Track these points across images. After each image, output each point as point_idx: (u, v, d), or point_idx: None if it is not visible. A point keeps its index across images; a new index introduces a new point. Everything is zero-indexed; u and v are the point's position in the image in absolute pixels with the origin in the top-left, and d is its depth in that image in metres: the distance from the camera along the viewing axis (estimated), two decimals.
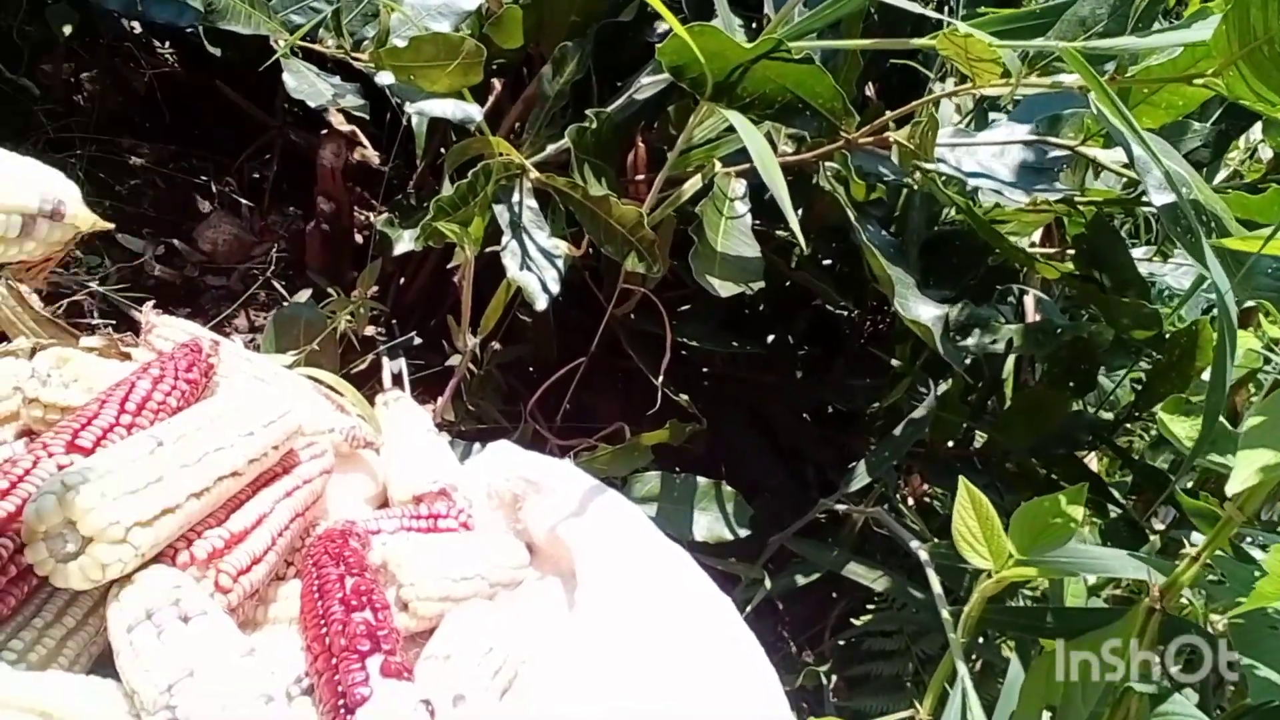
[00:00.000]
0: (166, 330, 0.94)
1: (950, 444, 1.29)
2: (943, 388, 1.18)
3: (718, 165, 1.02)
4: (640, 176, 1.12)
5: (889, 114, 0.91)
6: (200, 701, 0.57)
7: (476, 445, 1.13)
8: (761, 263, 0.92)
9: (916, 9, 0.82)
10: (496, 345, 1.31)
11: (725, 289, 0.88)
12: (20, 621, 0.64)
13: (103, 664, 0.64)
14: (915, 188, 1.11)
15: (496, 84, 1.26)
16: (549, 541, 0.86)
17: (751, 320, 1.30)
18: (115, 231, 1.22)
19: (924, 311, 0.88)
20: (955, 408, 1.19)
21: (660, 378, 1.09)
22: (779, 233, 1.20)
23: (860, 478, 1.12)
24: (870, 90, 1.28)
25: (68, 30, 1.15)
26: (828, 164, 0.96)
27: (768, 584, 1.16)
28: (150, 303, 0.97)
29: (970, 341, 1.19)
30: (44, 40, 1.18)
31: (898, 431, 1.14)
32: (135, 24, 1.35)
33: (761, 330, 1.32)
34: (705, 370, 1.32)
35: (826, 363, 1.37)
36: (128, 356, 0.94)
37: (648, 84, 1.01)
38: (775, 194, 0.74)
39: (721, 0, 0.88)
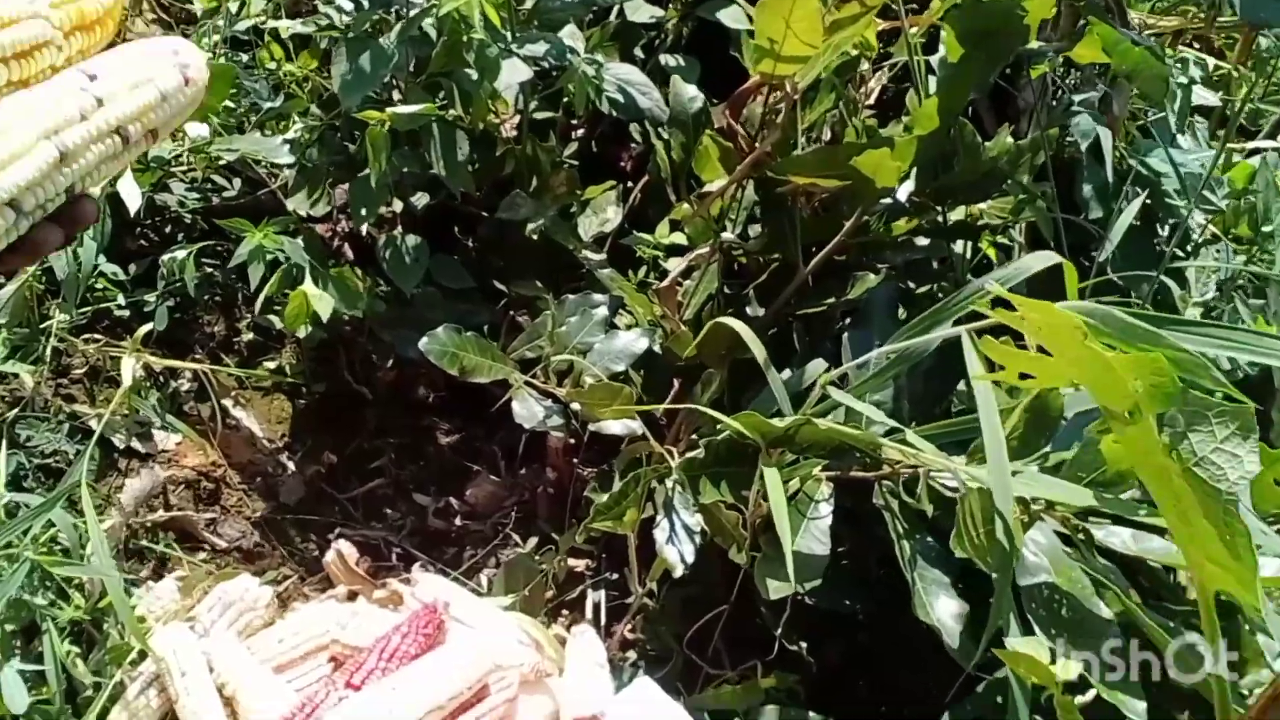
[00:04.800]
0: (424, 585, 1.40)
1: None
2: None
3: (815, 471, 1.33)
4: None
5: None
6: None
7: (642, 670, 1.48)
8: (825, 560, 1.21)
9: (881, 418, 1.11)
10: None
11: (777, 590, 1.18)
12: None
13: None
14: None
15: (677, 384, 1.66)
16: None
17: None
18: (412, 491, 1.75)
19: (943, 609, 1.13)
20: None
21: (779, 630, 1.38)
22: None
23: None
24: None
25: (389, 362, 1.73)
26: (885, 481, 1.24)
27: None
28: (418, 564, 1.45)
29: None
30: (372, 360, 1.77)
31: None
32: None
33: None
34: (840, 615, 1.57)
35: None
36: (400, 602, 1.41)
37: None
38: (782, 538, 1.06)
39: (776, 380, 1.22)
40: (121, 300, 1.60)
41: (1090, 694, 0.70)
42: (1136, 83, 1.48)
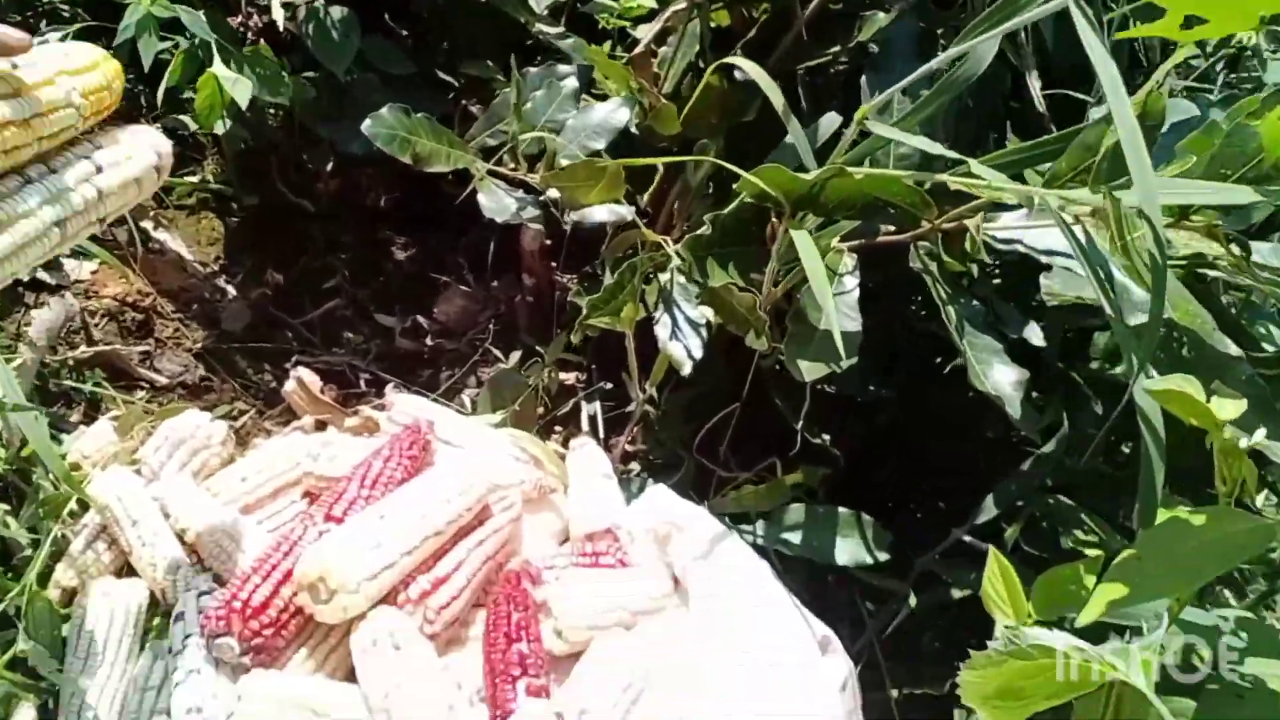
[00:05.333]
0: (402, 407, 1.24)
1: None
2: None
3: (834, 243, 1.17)
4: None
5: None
6: (405, 707, 0.84)
7: (650, 481, 1.36)
8: (859, 337, 1.06)
9: (939, 150, 0.94)
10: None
11: (811, 372, 1.03)
12: (300, 642, 0.94)
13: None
14: None
15: (661, 167, 1.45)
16: (683, 573, 1.07)
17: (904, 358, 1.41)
18: (373, 311, 1.56)
19: (1000, 377, 0.99)
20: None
21: (800, 423, 1.25)
22: None
23: (988, 510, 1.23)
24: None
25: (329, 166, 1.51)
26: (921, 243, 1.08)
27: (912, 601, 1.30)
28: (391, 384, 1.28)
29: None
30: (307, 166, 1.55)
31: (1026, 466, 1.23)
32: None
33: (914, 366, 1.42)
34: (859, 401, 1.45)
35: None
36: (377, 428, 1.25)
37: None
38: (824, 308, 0.90)
39: (797, 129, 1.03)
40: None
41: (1257, 436, 0.56)
42: None
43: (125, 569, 1.05)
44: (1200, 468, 0.64)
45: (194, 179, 1.51)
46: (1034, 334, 1.15)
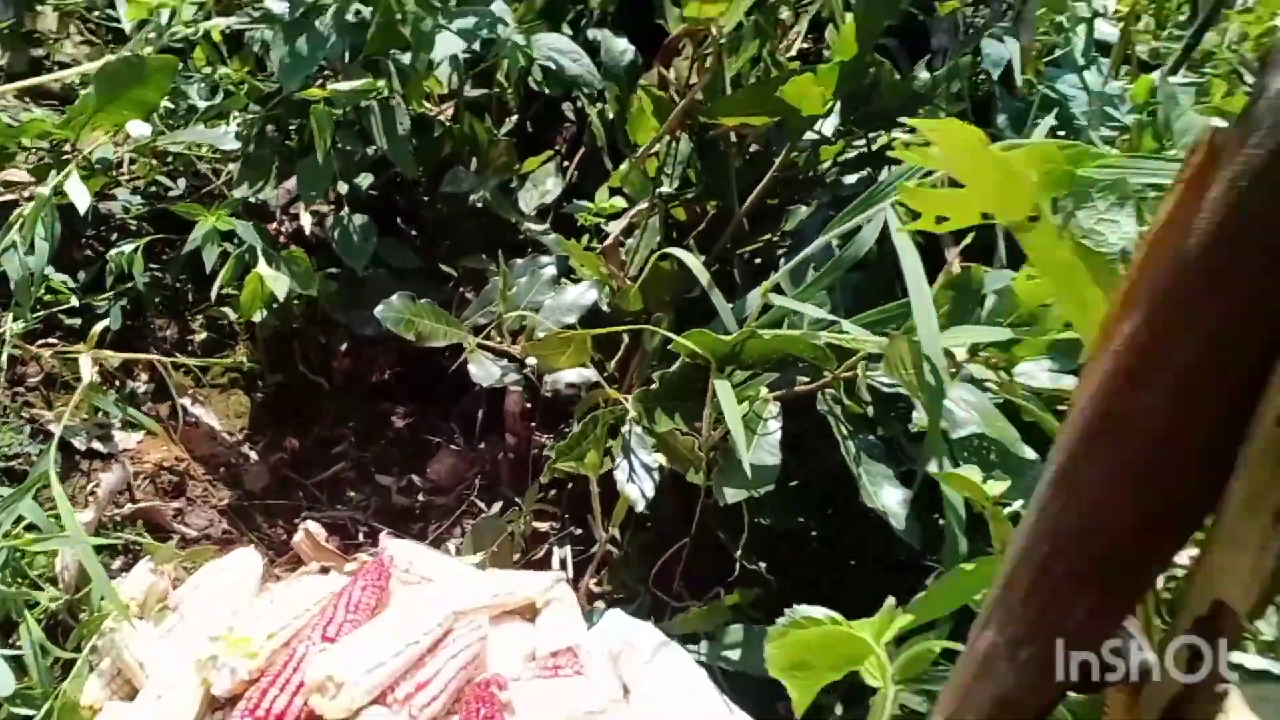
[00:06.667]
0: (393, 551, 1.42)
1: None
2: None
3: (763, 391, 1.38)
4: None
5: None
6: None
7: (613, 610, 1.52)
8: (776, 470, 1.26)
9: (820, 314, 1.17)
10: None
11: (733, 496, 1.22)
12: None
13: None
14: None
15: (626, 338, 1.70)
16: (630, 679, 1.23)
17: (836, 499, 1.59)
18: (374, 473, 1.77)
19: (888, 497, 1.18)
20: None
21: (739, 552, 1.41)
22: None
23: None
24: None
25: (344, 347, 1.77)
26: (827, 390, 1.29)
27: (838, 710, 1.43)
28: (385, 532, 1.48)
29: None
30: (326, 349, 1.81)
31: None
32: None
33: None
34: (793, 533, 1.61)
35: None
36: None
37: None
38: (737, 443, 1.10)
39: (720, 299, 1.27)
40: (75, 301, 1.61)
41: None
42: None
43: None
44: None
45: (228, 360, 1.77)
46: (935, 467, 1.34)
